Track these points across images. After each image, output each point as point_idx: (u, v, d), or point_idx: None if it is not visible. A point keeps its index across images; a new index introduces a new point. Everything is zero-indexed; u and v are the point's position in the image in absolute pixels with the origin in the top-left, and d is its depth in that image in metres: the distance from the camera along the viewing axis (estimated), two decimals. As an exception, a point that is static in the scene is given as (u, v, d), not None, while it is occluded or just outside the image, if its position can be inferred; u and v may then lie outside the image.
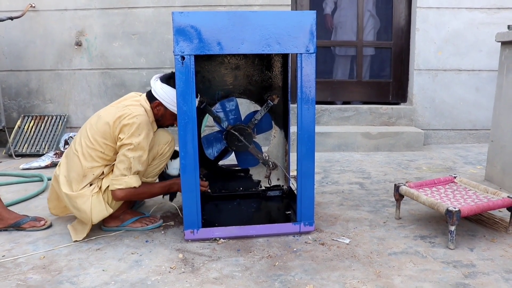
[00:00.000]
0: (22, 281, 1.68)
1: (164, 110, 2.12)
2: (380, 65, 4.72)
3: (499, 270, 1.72)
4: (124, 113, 2.00)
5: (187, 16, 1.80)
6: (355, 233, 2.11)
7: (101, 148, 2.02)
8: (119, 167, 1.99)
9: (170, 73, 2.13)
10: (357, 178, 3.12)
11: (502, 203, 1.99)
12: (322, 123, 4.31)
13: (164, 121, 2.17)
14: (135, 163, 1.98)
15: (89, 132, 2.06)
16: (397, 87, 4.47)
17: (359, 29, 4.42)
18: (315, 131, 1.97)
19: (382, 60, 4.67)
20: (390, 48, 4.45)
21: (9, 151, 3.96)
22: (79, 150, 2.05)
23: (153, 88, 2.10)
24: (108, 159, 2.04)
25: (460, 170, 3.28)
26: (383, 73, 4.67)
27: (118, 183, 1.98)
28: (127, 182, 1.99)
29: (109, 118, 2.02)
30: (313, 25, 1.87)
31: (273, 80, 2.47)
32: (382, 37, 4.61)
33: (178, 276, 1.70)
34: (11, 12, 4.07)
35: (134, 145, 1.96)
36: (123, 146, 1.97)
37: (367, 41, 4.51)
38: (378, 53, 4.66)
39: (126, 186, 1.99)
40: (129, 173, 1.99)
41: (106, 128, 2.01)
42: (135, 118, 1.98)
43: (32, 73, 4.32)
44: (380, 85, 4.51)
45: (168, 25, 4.13)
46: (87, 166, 2.02)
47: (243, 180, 2.56)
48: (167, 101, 2.07)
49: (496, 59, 3.01)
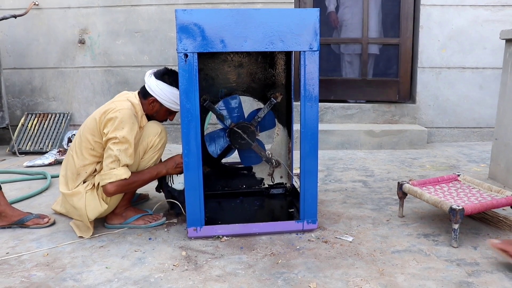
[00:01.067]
0: (26, 278, 1.68)
1: (159, 106, 2.14)
2: (387, 63, 4.67)
3: (503, 268, 1.71)
4: (108, 108, 2.02)
5: (190, 13, 1.79)
6: (358, 231, 2.11)
7: (90, 145, 2.03)
8: (107, 162, 1.97)
9: (164, 69, 2.14)
10: (360, 176, 3.11)
11: (506, 201, 1.98)
12: (326, 121, 4.31)
13: (159, 116, 2.19)
14: (122, 156, 1.96)
15: (81, 130, 2.10)
16: (404, 85, 4.42)
17: (363, 26, 4.38)
18: (318, 129, 1.97)
19: (388, 58, 4.62)
20: (398, 46, 4.39)
21: (13, 148, 3.97)
22: (73, 149, 2.09)
23: (147, 84, 2.10)
24: (98, 156, 2.05)
25: (464, 168, 3.27)
26: (390, 71, 4.62)
27: (108, 177, 1.95)
28: (117, 174, 1.95)
29: (96, 114, 2.05)
30: (317, 22, 1.87)
31: (276, 78, 2.46)
32: (388, 34, 4.56)
33: (181, 274, 1.70)
34: (15, 10, 4.08)
35: (119, 139, 1.95)
36: (108, 140, 1.97)
37: (372, 38, 4.47)
38: (384, 51, 4.61)
39: (116, 178, 1.95)
40: (117, 166, 1.96)
41: (93, 124, 2.03)
42: (117, 112, 1.98)
43: (36, 71, 4.33)
44: (387, 83, 4.46)
45: (171, 23, 4.13)
46: (79, 164, 2.04)
47: (246, 178, 2.56)
48: (162, 97, 2.09)
49: (501, 56, 2.99)
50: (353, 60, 4.63)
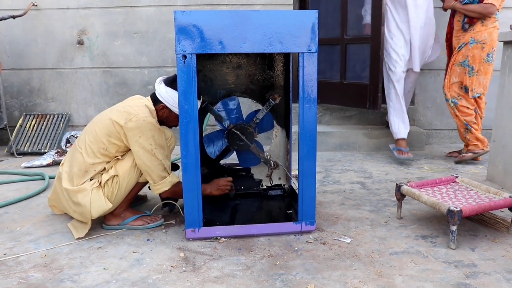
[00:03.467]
0: (24, 279, 1.68)
1: (169, 113, 2.17)
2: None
3: (501, 270, 1.71)
4: (130, 113, 2.04)
5: (189, 15, 1.80)
6: (356, 232, 2.11)
7: (104, 145, 2.04)
8: (155, 172, 2.03)
9: (174, 76, 2.15)
10: (359, 177, 3.11)
11: (503, 203, 1.99)
12: (324, 122, 4.31)
13: (168, 122, 2.23)
14: (166, 161, 2.07)
15: (93, 128, 2.10)
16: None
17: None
18: (316, 131, 1.98)
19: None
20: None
21: (11, 149, 3.96)
22: (82, 146, 2.09)
23: (158, 91, 2.14)
24: (110, 156, 2.07)
25: (462, 170, 3.28)
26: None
27: (164, 185, 2.07)
28: (171, 181, 2.08)
29: (113, 116, 2.06)
30: (315, 24, 1.87)
31: (274, 79, 2.46)
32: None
33: (179, 275, 1.70)
34: (13, 10, 4.08)
35: (154, 146, 2.02)
36: (143, 149, 2.00)
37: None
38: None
39: (171, 185, 2.08)
40: (166, 173, 2.07)
41: (110, 125, 2.04)
42: (142, 120, 2.02)
43: (34, 72, 4.33)
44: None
45: (170, 24, 4.13)
46: (89, 161, 2.05)
47: (244, 179, 2.56)
48: (171, 104, 2.11)
49: (499, 59, 3.00)
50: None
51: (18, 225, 2.24)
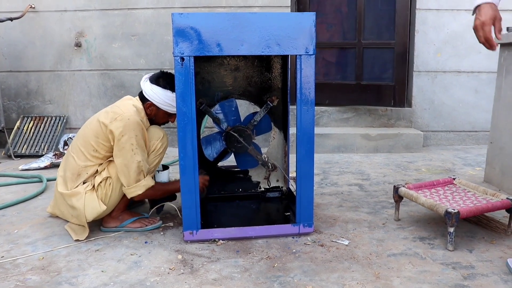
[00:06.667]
0: (21, 282, 1.67)
1: (157, 110, 2.17)
2: (382, 67, 4.65)
3: (498, 271, 1.72)
4: (115, 113, 2.04)
5: (187, 17, 1.80)
6: (354, 234, 2.11)
7: (93, 147, 2.05)
8: (132, 174, 2.01)
9: (158, 73, 2.18)
10: (356, 179, 3.12)
11: (501, 205, 1.99)
12: (322, 124, 4.31)
13: (158, 119, 2.22)
14: (144, 164, 2.04)
15: (83, 131, 2.12)
16: (399, 90, 4.41)
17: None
18: (314, 133, 1.98)
19: (383, 62, 4.60)
20: (393, 48, 4.38)
21: (8, 152, 3.95)
22: (74, 150, 2.11)
23: (143, 89, 2.14)
24: (101, 158, 2.07)
25: (459, 172, 3.28)
26: (385, 75, 4.59)
27: (138, 189, 2.04)
28: (146, 185, 2.05)
29: (101, 117, 2.07)
30: (313, 26, 1.87)
31: (272, 81, 2.47)
32: (384, 38, 4.54)
33: (177, 277, 1.70)
34: (11, 13, 4.07)
35: (135, 146, 2.00)
36: (123, 149, 1.99)
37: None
38: (379, 55, 4.58)
39: (145, 189, 2.05)
40: (142, 176, 2.04)
41: (97, 127, 2.05)
42: (126, 119, 2.01)
43: (32, 74, 4.32)
44: (381, 88, 4.45)
45: (168, 26, 4.13)
46: (81, 164, 2.06)
47: (242, 181, 2.56)
48: (158, 101, 2.12)
49: (495, 60, 3.01)
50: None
51: (15, 227, 2.24)
